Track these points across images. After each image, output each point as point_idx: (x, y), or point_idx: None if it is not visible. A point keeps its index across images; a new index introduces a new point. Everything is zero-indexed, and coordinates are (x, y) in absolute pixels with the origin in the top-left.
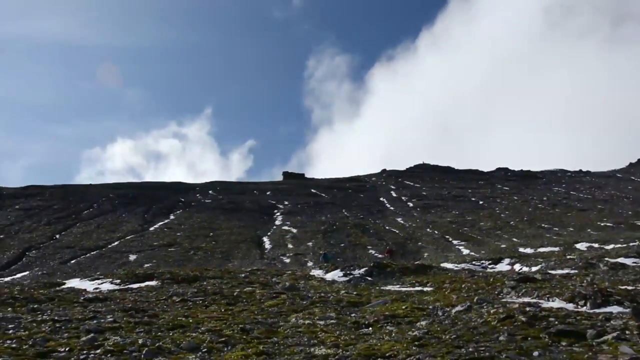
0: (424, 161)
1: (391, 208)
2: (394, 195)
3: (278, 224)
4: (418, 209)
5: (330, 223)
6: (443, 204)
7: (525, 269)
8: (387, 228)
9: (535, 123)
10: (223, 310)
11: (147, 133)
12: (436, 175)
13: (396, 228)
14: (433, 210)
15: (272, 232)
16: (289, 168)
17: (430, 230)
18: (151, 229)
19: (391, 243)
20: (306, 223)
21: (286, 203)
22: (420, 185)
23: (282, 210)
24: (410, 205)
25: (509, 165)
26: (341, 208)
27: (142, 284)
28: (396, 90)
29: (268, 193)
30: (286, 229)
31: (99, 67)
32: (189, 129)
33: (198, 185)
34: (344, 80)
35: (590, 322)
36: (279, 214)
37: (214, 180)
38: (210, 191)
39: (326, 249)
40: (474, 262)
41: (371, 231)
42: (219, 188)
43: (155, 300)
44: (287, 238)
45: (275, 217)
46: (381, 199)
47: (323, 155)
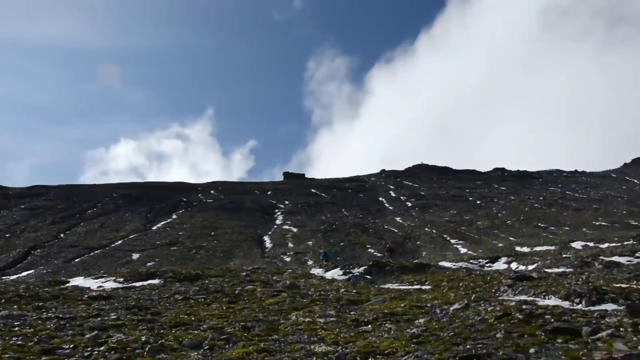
0: (422, 161)
1: (390, 208)
2: (393, 195)
3: (279, 223)
4: (416, 209)
5: (330, 222)
6: (441, 204)
7: (521, 268)
8: (386, 227)
9: (532, 124)
10: (224, 308)
11: (150, 134)
12: (434, 176)
13: (395, 227)
14: (431, 210)
15: (273, 232)
16: (289, 168)
17: (428, 230)
18: (154, 228)
19: (390, 242)
20: (306, 222)
21: (287, 203)
22: (418, 185)
23: (283, 210)
24: (409, 204)
25: (506, 165)
26: (341, 208)
27: (145, 283)
28: (395, 91)
29: (269, 193)
30: (287, 228)
31: (100, 68)
32: (191, 130)
33: (200, 185)
34: (343, 82)
35: (586, 320)
36: (279, 214)
37: (215, 180)
38: (212, 191)
39: (326, 248)
40: (471, 261)
41: (370, 230)
42: (220, 188)
43: (157, 298)
44: (288, 237)
45: (276, 217)
46: (380, 199)
47: (323, 156)
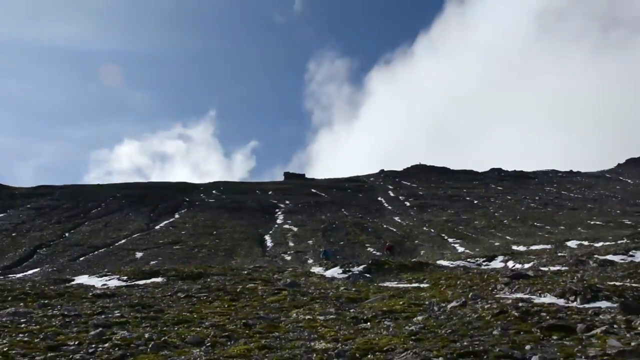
0: (420, 162)
1: (389, 207)
2: (392, 195)
3: (279, 222)
4: (415, 208)
5: (330, 222)
6: (439, 204)
7: (518, 266)
8: (385, 227)
9: (528, 125)
10: (226, 305)
11: (153, 134)
12: (432, 176)
13: (394, 227)
14: (429, 210)
15: (274, 231)
16: (290, 168)
17: (426, 229)
18: (157, 227)
19: (389, 241)
20: (306, 222)
21: (287, 202)
22: (416, 185)
23: (284, 210)
24: (407, 204)
25: (503, 165)
26: (340, 207)
27: (148, 281)
28: (394, 92)
29: (270, 193)
30: (287, 227)
31: (104, 70)
32: (194, 131)
33: (202, 185)
34: (343, 83)
35: (580, 317)
36: (280, 213)
37: (217, 181)
38: (214, 191)
39: (326, 246)
40: (468, 260)
41: (369, 230)
42: (222, 188)
43: (160, 296)
44: (288, 236)
45: (277, 216)
46: (379, 199)
47: (323, 156)
